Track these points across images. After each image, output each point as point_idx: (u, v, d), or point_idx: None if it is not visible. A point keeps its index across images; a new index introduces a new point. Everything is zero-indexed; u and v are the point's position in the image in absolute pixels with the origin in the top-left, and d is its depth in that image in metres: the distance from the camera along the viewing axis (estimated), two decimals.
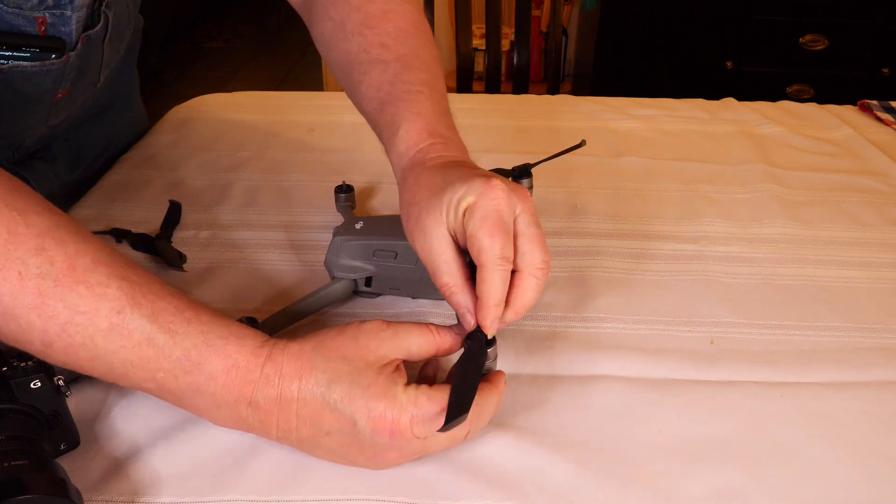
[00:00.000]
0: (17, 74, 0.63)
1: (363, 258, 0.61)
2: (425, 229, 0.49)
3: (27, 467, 0.40)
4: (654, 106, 1.04)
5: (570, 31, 2.51)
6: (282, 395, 0.44)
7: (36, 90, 0.66)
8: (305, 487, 0.46)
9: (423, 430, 0.44)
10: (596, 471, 0.48)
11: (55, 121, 0.74)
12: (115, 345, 0.43)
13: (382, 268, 0.60)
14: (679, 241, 0.72)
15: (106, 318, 0.43)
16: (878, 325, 0.62)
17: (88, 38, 0.67)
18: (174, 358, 0.43)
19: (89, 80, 0.74)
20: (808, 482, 0.47)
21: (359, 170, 0.84)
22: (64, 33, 0.63)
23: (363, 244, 0.61)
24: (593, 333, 0.60)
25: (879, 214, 0.78)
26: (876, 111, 1.02)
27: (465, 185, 0.48)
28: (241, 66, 3.55)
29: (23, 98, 0.66)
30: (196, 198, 0.79)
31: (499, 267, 0.46)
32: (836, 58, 2.05)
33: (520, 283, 0.48)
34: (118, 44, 0.77)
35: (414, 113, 0.56)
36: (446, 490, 0.46)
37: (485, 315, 0.47)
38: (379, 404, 0.43)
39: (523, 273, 0.47)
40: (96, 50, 0.71)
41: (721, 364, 0.57)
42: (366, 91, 0.61)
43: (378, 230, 0.62)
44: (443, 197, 0.48)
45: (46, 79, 0.65)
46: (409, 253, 0.56)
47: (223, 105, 1.03)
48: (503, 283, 0.47)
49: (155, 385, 0.45)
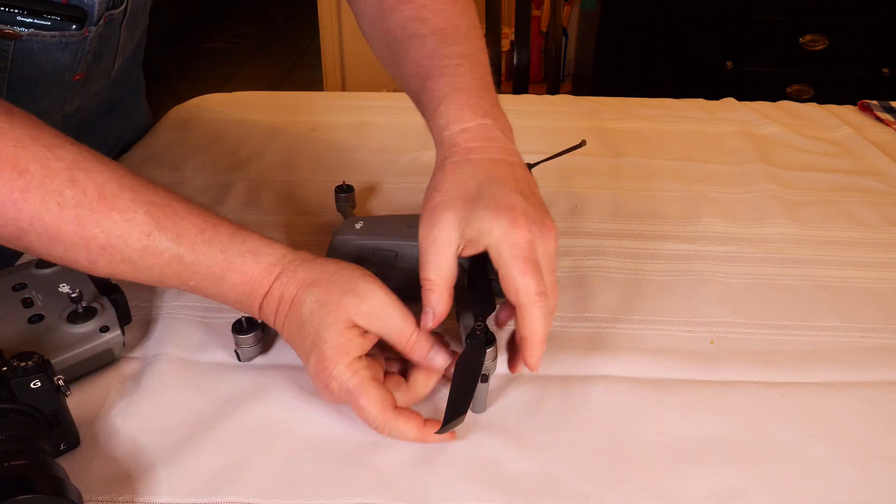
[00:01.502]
0: (36, 45, 0.63)
1: (363, 258, 0.61)
2: (437, 222, 0.50)
3: (27, 467, 0.40)
4: (654, 106, 1.04)
5: (570, 31, 2.52)
6: (278, 309, 0.51)
7: (54, 66, 0.66)
8: (304, 489, 0.46)
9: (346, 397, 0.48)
10: (596, 471, 0.48)
11: (70, 107, 0.74)
12: (150, 262, 0.49)
13: (382, 268, 0.60)
14: (679, 241, 0.72)
15: (138, 240, 0.48)
16: (878, 325, 0.62)
17: (111, 17, 0.67)
18: (200, 274, 0.50)
19: (104, 67, 0.75)
20: (808, 482, 0.47)
21: (359, 170, 0.84)
22: (86, 4, 0.63)
23: (363, 244, 0.61)
24: (593, 333, 0.60)
25: (879, 214, 0.78)
26: (876, 111, 1.02)
27: (492, 218, 0.49)
28: (241, 66, 3.55)
29: (41, 74, 0.66)
30: (196, 198, 0.79)
31: (537, 303, 0.48)
32: (836, 58, 2.05)
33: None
34: (133, 32, 0.77)
35: (454, 88, 0.56)
36: (446, 492, 0.46)
37: (532, 353, 0.49)
38: (325, 363, 0.48)
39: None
40: (114, 34, 0.71)
41: (721, 364, 0.57)
42: (406, 68, 0.61)
43: (378, 230, 0.62)
44: (471, 211, 0.49)
45: (65, 53, 0.66)
46: (410, 253, 0.56)
47: (223, 105, 1.03)
48: (545, 318, 0.48)
49: (189, 289, 0.51)
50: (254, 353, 0.56)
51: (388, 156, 0.88)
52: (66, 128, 0.78)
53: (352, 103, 1.04)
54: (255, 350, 0.56)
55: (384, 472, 0.47)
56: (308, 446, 0.49)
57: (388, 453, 0.49)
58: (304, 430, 0.50)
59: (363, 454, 0.49)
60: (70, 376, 0.51)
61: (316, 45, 2.73)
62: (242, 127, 0.96)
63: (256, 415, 0.51)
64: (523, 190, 0.51)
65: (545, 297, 0.48)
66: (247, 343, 0.56)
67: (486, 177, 0.51)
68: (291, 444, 0.49)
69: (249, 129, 0.95)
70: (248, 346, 0.56)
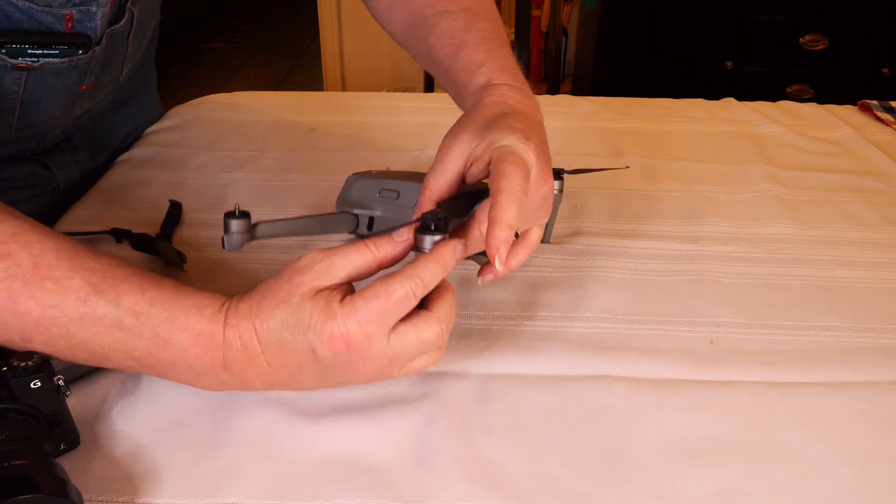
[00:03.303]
0: (49, 70, 0.65)
1: (369, 196, 0.60)
2: (458, 136, 0.52)
3: (28, 467, 0.40)
4: (654, 106, 1.04)
5: (570, 31, 2.51)
6: (247, 353, 0.46)
7: (63, 84, 0.68)
8: (304, 490, 0.46)
9: (376, 328, 0.44)
10: (596, 471, 0.48)
11: (80, 111, 0.75)
12: (90, 331, 0.45)
13: (384, 208, 0.59)
14: (679, 241, 0.72)
15: (74, 308, 0.45)
16: (878, 325, 0.62)
17: (113, 33, 0.68)
18: (145, 337, 0.46)
19: (113, 74, 0.76)
20: (808, 482, 0.47)
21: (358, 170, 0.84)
22: (89, 29, 0.65)
23: (371, 182, 0.61)
24: (593, 333, 0.60)
25: (879, 214, 0.78)
26: (876, 111, 1.02)
27: (506, 134, 0.50)
28: (241, 66, 3.55)
29: (51, 92, 0.67)
30: (196, 198, 0.79)
31: (514, 194, 0.47)
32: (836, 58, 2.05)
33: None
34: (141, 39, 0.78)
35: (493, 55, 0.59)
36: (446, 492, 0.46)
37: (495, 237, 0.46)
38: (324, 326, 0.44)
39: None
40: (120, 45, 0.73)
41: (721, 364, 0.57)
42: (437, 41, 0.62)
43: (391, 175, 0.62)
44: (487, 130, 0.51)
45: (74, 73, 0.67)
46: (412, 195, 0.56)
47: (223, 105, 1.03)
48: (517, 210, 0.47)
49: (136, 362, 0.47)
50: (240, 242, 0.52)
51: (389, 156, 0.88)
52: (77, 127, 0.80)
53: (352, 103, 1.04)
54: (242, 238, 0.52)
55: (384, 472, 0.47)
56: (308, 446, 0.49)
57: (388, 453, 0.49)
58: (305, 430, 0.50)
59: (363, 454, 0.49)
60: (70, 376, 0.51)
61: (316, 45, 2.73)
62: (242, 127, 0.96)
63: (256, 415, 0.51)
64: (544, 142, 0.53)
65: (524, 196, 0.48)
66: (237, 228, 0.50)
67: (513, 111, 0.53)
68: (291, 444, 0.49)
69: (249, 129, 0.95)
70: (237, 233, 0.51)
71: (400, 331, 0.46)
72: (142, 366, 0.47)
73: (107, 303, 0.45)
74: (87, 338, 0.45)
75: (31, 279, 0.45)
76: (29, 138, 0.74)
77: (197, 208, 0.77)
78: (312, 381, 0.48)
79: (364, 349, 0.45)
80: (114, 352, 0.46)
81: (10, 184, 0.75)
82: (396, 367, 0.47)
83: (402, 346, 0.46)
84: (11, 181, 0.76)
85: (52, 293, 0.45)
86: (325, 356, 0.45)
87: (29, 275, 0.45)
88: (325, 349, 0.45)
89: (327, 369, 0.46)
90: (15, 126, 0.69)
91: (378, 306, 0.44)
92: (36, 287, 0.44)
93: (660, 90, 1.18)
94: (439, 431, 0.50)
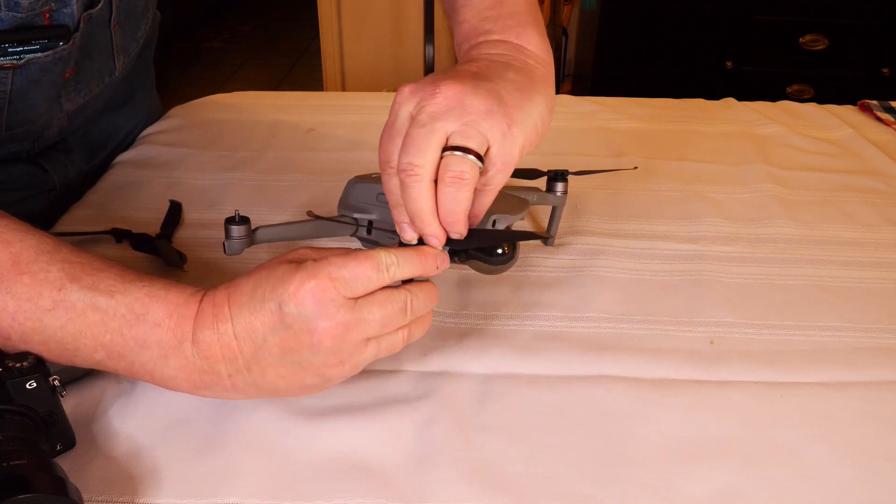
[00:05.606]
0: (35, 67, 0.65)
1: (368, 200, 0.61)
2: None
3: (27, 467, 0.40)
4: (654, 106, 1.04)
5: (570, 31, 2.51)
6: (217, 322, 0.46)
7: (48, 75, 0.68)
8: (304, 490, 0.46)
9: (344, 286, 0.44)
10: (596, 471, 0.48)
11: (70, 105, 0.75)
12: (62, 320, 0.45)
13: (383, 212, 0.60)
14: (679, 241, 0.72)
15: (49, 297, 0.45)
16: (878, 325, 0.62)
17: (90, 17, 0.68)
18: (119, 315, 0.45)
19: (100, 64, 0.75)
20: (808, 482, 0.47)
21: (358, 170, 0.84)
22: (66, 15, 0.64)
23: (370, 186, 0.61)
24: (593, 333, 0.60)
25: (879, 214, 0.78)
26: (876, 111, 1.02)
27: None
28: (240, 66, 3.55)
29: (37, 86, 0.67)
30: (196, 198, 0.79)
31: (387, 174, 0.49)
32: (836, 58, 2.05)
33: None
34: (133, 31, 0.78)
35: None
36: (446, 492, 0.46)
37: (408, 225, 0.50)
38: (294, 276, 0.45)
39: None
40: (101, 31, 0.72)
41: (721, 364, 0.57)
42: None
43: None
44: None
45: (59, 65, 0.67)
46: None
47: (223, 105, 1.03)
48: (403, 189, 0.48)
49: (105, 352, 0.46)
50: (240, 247, 0.55)
51: None
52: (74, 127, 0.79)
53: (352, 103, 1.04)
54: (242, 242, 0.55)
55: (384, 472, 0.47)
56: (308, 446, 0.49)
57: (388, 453, 0.49)
58: (304, 430, 0.50)
59: (363, 454, 0.48)
60: (66, 378, 0.51)
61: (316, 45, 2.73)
62: (242, 127, 0.96)
63: (256, 415, 0.51)
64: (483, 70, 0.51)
65: (390, 169, 0.48)
66: (237, 233, 0.54)
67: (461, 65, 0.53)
68: (291, 444, 0.49)
69: (249, 129, 0.95)
70: (237, 238, 0.55)
71: (366, 298, 0.46)
72: (110, 355, 0.46)
73: (81, 288, 0.46)
74: (59, 326, 0.45)
75: (8, 276, 0.45)
76: (22, 138, 0.74)
77: (197, 208, 0.77)
78: (276, 355, 0.45)
79: (328, 306, 0.44)
80: (84, 339, 0.46)
81: (5, 185, 0.75)
82: (359, 333, 0.45)
83: (368, 308, 0.45)
84: (7, 182, 0.76)
85: (28, 286, 0.45)
86: (290, 312, 0.44)
87: (7, 271, 0.45)
88: (291, 302, 0.44)
89: (293, 336, 0.45)
90: (5, 125, 0.69)
91: (352, 264, 0.45)
92: (12, 282, 0.45)
93: (660, 90, 1.18)
94: (439, 431, 0.50)
